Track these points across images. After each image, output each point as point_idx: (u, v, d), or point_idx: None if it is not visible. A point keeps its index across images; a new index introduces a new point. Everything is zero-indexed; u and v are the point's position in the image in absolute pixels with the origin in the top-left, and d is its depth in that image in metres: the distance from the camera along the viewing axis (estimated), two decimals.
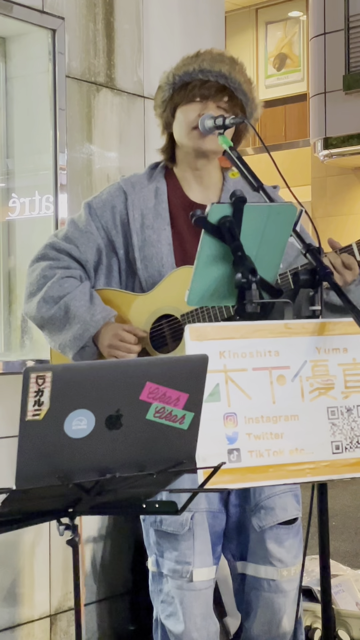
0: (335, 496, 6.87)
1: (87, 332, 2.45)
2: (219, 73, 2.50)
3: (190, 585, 2.45)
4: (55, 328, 2.50)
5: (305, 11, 16.24)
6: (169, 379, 1.68)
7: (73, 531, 1.72)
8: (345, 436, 2.08)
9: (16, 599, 3.40)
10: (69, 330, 2.46)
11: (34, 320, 2.56)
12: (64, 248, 2.54)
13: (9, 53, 3.78)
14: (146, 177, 2.61)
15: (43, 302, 2.49)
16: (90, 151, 3.78)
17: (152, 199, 2.55)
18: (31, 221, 3.76)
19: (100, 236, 2.54)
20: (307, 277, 2.13)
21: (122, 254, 2.55)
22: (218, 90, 2.50)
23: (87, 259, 2.54)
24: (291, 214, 2.15)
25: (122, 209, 2.55)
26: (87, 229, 2.55)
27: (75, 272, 2.52)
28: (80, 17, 3.74)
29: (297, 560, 2.53)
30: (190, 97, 2.50)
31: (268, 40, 17.69)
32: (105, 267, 2.56)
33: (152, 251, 2.50)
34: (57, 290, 2.48)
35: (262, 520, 2.50)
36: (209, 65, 2.51)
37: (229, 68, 2.52)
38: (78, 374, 1.62)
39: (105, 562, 3.69)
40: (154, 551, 2.52)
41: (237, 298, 2.06)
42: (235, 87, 2.52)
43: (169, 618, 2.49)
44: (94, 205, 2.58)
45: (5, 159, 3.82)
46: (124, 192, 2.56)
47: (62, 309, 2.46)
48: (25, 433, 1.57)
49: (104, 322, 2.45)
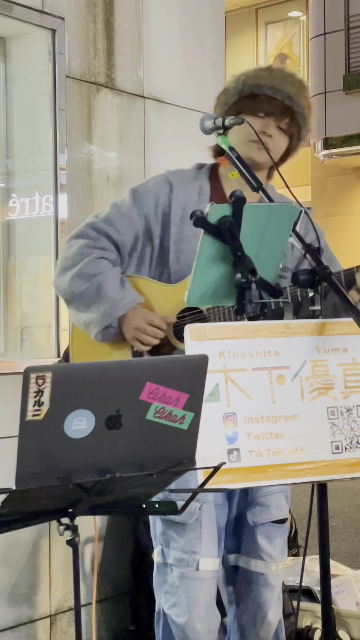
0: (335, 496, 6.87)
1: (114, 312, 2.49)
2: (287, 94, 2.58)
3: (196, 574, 2.50)
4: (83, 304, 2.55)
5: (305, 11, 16.24)
6: (169, 379, 1.68)
7: (73, 531, 1.72)
8: (345, 436, 2.08)
9: (16, 599, 3.40)
10: (97, 308, 2.51)
11: (63, 293, 2.61)
12: (103, 229, 2.59)
13: (9, 53, 3.78)
14: (192, 175, 2.67)
15: (77, 278, 2.54)
16: (90, 151, 3.78)
17: (195, 197, 2.61)
18: (31, 221, 3.76)
19: (140, 223, 2.60)
20: (307, 277, 2.13)
21: (157, 243, 2.60)
22: (282, 111, 2.58)
23: (125, 243, 2.60)
24: (291, 214, 2.15)
25: (165, 200, 2.60)
26: (128, 213, 2.60)
27: (110, 255, 2.58)
28: (80, 17, 3.74)
29: (283, 557, 2.66)
30: (255, 110, 2.58)
31: (268, 40, 17.69)
32: (138, 254, 2.61)
33: (187, 245, 2.54)
34: (92, 268, 2.53)
35: (257, 516, 2.58)
36: (279, 84, 2.59)
37: (297, 91, 2.60)
38: (78, 374, 1.62)
39: (105, 562, 3.69)
40: (159, 542, 2.55)
41: (236, 298, 2.06)
42: (299, 110, 2.60)
43: (172, 608, 2.53)
44: (139, 192, 2.63)
45: (5, 159, 3.82)
46: (170, 184, 2.62)
47: (94, 287, 2.52)
48: (25, 433, 1.57)
49: (132, 305, 2.50)
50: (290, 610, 3.52)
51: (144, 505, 1.86)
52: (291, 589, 3.58)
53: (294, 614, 3.48)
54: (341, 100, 12.70)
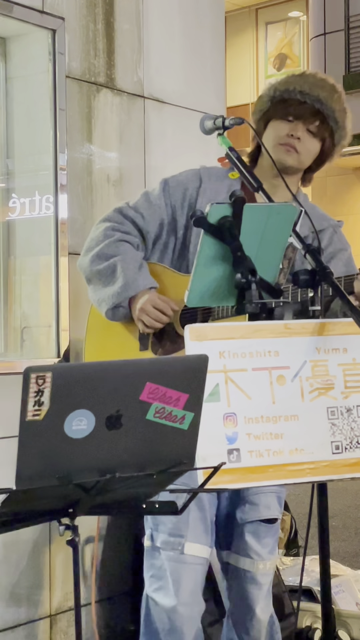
0: (335, 496, 6.87)
1: (125, 292, 2.55)
2: (317, 98, 2.61)
3: (181, 558, 2.54)
4: (100, 283, 2.62)
5: (305, 11, 16.24)
6: (169, 379, 1.68)
7: (73, 531, 1.72)
8: (345, 436, 2.08)
9: (16, 599, 3.40)
10: (110, 288, 2.58)
11: (84, 272, 2.69)
12: (129, 215, 2.66)
13: (9, 53, 3.78)
14: (225, 173, 2.71)
15: (96, 257, 2.62)
16: (90, 151, 3.78)
17: (223, 194, 2.64)
18: (31, 221, 3.76)
19: (166, 213, 2.66)
20: (307, 277, 2.13)
21: (181, 234, 2.65)
22: (311, 114, 2.61)
23: (149, 230, 2.65)
24: (291, 214, 2.16)
25: (193, 193, 2.65)
26: (156, 202, 2.66)
27: (133, 239, 2.64)
28: (80, 17, 3.74)
29: (272, 557, 2.68)
30: (283, 114, 2.62)
31: (268, 40, 17.69)
32: (162, 243, 2.67)
33: None
34: (112, 249, 2.61)
35: (245, 513, 2.62)
36: (308, 89, 2.62)
37: (327, 95, 2.62)
38: (78, 374, 1.62)
39: (105, 562, 3.69)
40: (149, 525, 2.61)
41: (236, 298, 2.06)
42: (329, 113, 2.62)
43: (157, 591, 2.57)
44: (169, 183, 2.69)
45: (5, 159, 3.82)
46: (200, 178, 2.68)
47: (111, 267, 2.59)
48: (25, 433, 1.57)
49: (144, 287, 2.55)
50: (290, 610, 3.52)
51: (144, 505, 1.86)
52: (291, 589, 3.58)
53: (294, 614, 3.49)
54: None
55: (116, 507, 1.86)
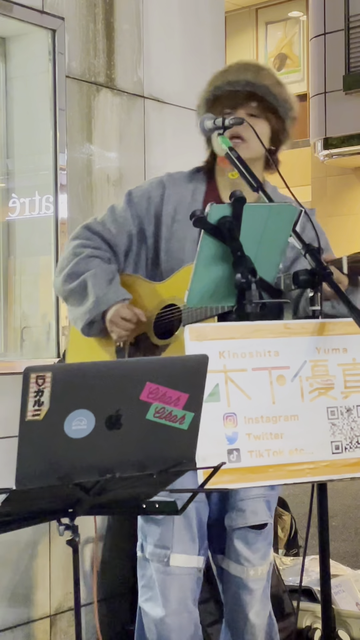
0: (335, 496, 6.86)
1: (96, 308, 2.54)
2: (245, 81, 2.57)
3: (168, 570, 2.53)
4: (74, 302, 2.62)
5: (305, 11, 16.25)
6: (169, 379, 1.68)
7: (73, 531, 1.72)
8: (345, 436, 2.08)
9: (16, 599, 3.40)
10: (83, 305, 2.57)
11: (58, 293, 2.70)
12: (97, 230, 2.65)
13: (9, 53, 3.78)
14: (188, 176, 2.69)
15: (68, 277, 2.61)
16: (90, 151, 3.78)
17: (188, 198, 2.63)
18: (31, 221, 3.76)
19: (133, 224, 2.64)
20: (307, 277, 2.13)
21: (151, 243, 2.63)
22: (246, 98, 2.57)
23: (118, 244, 2.64)
24: (291, 214, 2.16)
25: (158, 201, 2.64)
26: (122, 215, 2.65)
27: (103, 254, 2.63)
28: (80, 17, 3.74)
29: (265, 562, 2.65)
30: (220, 109, 2.58)
31: (268, 40, 17.70)
32: (135, 254, 2.66)
33: (177, 245, 2.58)
34: (82, 266, 2.60)
35: (233, 520, 2.60)
36: (234, 77, 2.59)
37: (254, 74, 2.58)
38: (78, 374, 1.62)
39: (105, 562, 3.69)
40: (140, 535, 2.62)
41: (236, 298, 2.06)
42: (263, 91, 2.58)
43: (147, 602, 2.58)
44: (133, 194, 2.68)
45: (5, 159, 3.82)
46: (164, 185, 2.66)
47: (81, 285, 2.58)
48: (25, 433, 1.57)
49: (115, 300, 2.54)
50: (290, 610, 3.52)
51: (144, 505, 1.86)
52: (291, 589, 3.58)
53: (294, 614, 3.48)
54: (341, 100, 12.70)
55: (116, 507, 1.86)
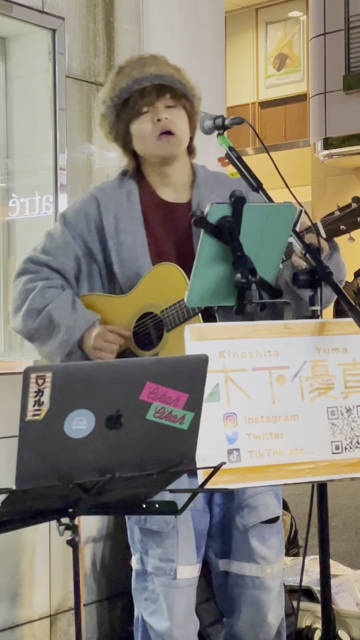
0: (335, 496, 6.86)
1: (71, 337, 2.47)
2: (150, 75, 2.51)
3: (174, 583, 2.47)
4: (41, 338, 2.52)
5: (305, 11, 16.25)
6: (169, 379, 1.68)
7: (73, 531, 1.72)
8: (345, 436, 2.08)
9: (16, 599, 3.40)
10: (55, 339, 2.49)
11: (21, 334, 2.59)
12: (42, 260, 2.56)
13: (9, 53, 3.78)
14: (117, 182, 2.62)
15: (27, 315, 2.52)
16: (90, 151, 3.78)
17: (124, 202, 2.56)
18: (31, 221, 3.76)
19: (77, 245, 2.56)
20: (306, 277, 2.13)
21: (101, 259, 2.56)
22: (158, 91, 2.51)
23: (66, 269, 2.56)
24: (291, 214, 2.15)
25: (95, 215, 2.56)
26: (63, 239, 2.57)
27: (56, 282, 2.54)
28: (80, 17, 3.74)
29: (280, 558, 2.59)
30: (137, 110, 2.51)
31: (268, 40, 17.70)
32: (86, 274, 2.58)
33: (128, 254, 2.52)
34: (39, 301, 2.50)
35: (246, 518, 2.53)
36: (138, 73, 2.51)
37: (155, 66, 2.53)
38: (78, 374, 1.62)
39: (105, 562, 3.68)
40: (138, 549, 2.53)
41: (236, 298, 2.06)
42: (171, 79, 2.53)
43: (152, 615, 2.51)
44: (67, 216, 2.60)
45: (5, 159, 3.82)
46: (96, 198, 2.58)
47: (46, 319, 2.49)
48: (25, 433, 1.57)
49: (87, 325, 2.47)
50: (290, 610, 3.52)
51: (144, 505, 1.85)
52: (291, 589, 3.58)
53: (294, 614, 3.48)
54: (341, 100, 12.70)
55: (116, 507, 1.86)
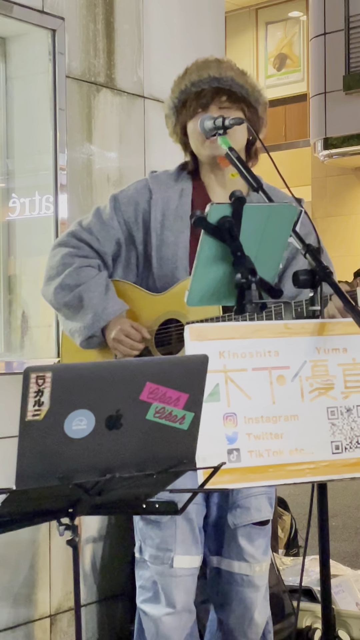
0: (335, 496, 6.87)
1: (97, 323, 2.51)
2: (209, 78, 2.57)
3: (171, 572, 2.52)
4: (69, 314, 2.58)
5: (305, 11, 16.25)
6: (169, 379, 1.68)
7: (73, 531, 1.72)
8: (345, 436, 2.08)
9: (16, 599, 3.40)
10: (81, 319, 2.54)
11: (50, 303, 2.65)
12: (84, 238, 2.61)
13: (9, 53, 3.78)
14: (174, 176, 2.67)
15: (60, 289, 2.57)
16: (90, 151, 3.78)
17: (175, 200, 2.61)
18: (31, 221, 3.76)
19: (121, 230, 2.61)
20: (307, 277, 2.13)
21: (141, 249, 2.61)
22: (214, 94, 2.57)
23: (106, 251, 2.61)
24: (291, 214, 2.15)
25: (145, 206, 2.61)
26: (109, 222, 2.62)
27: (93, 262, 2.59)
28: (80, 17, 3.74)
29: (266, 557, 2.65)
30: (191, 112, 2.59)
31: (268, 41, 17.71)
32: (124, 260, 2.63)
33: (169, 252, 2.56)
34: (74, 278, 2.56)
35: (237, 518, 2.59)
36: (197, 76, 2.59)
37: (216, 69, 2.58)
38: (78, 374, 1.62)
39: (105, 562, 3.69)
40: (139, 537, 2.60)
41: (236, 298, 2.06)
42: (229, 83, 2.58)
43: (145, 602, 2.58)
44: (119, 199, 2.65)
45: (5, 159, 3.82)
46: (150, 189, 2.63)
47: (77, 298, 2.54)
48: (25, 433, 1.57)
49: (114, 315, 2.51)
50: (290, 610, 3.52)
51: (144, 505, 1.86)
52: (291, 589, 3.58)
53: (294, 614, 3.48)
54: (341, 100, 12.70)
55: (116, 507, 1.86)
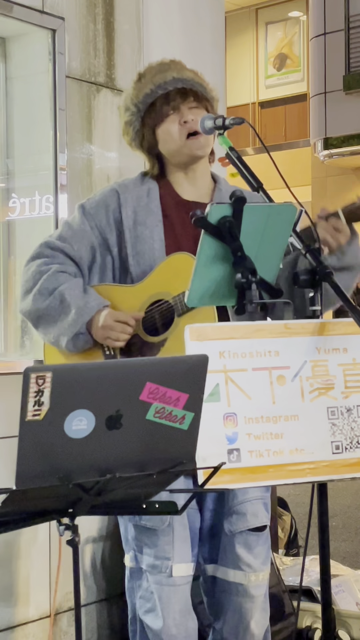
0: (335, 496, 6.87)
1: (81, 318, 2.47)
2: (173, 79, 2.57)
3: (170, 581, 2.47)
4: (50, 319, 2.53)
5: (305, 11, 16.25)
6: (169, 379, 1.68)
7: (73, 531, 1.72)
8: (345, 436, 2.08)
9: (16, 599, 3.40)
10: (64, 319, 2.50)
11: (29, 315, 2.58)
12: (58, 246, 2.59)
13: (9, 53, 3.78)
14: (139, 180, 2.66)
15: (38, 295, 2.53)
16: (90, 151, 3.78)
17: (144, 198, 2.60)
18: (31, 221, 3.76)
19: (94, 235, 2.59)
20: (307, 277, 2.13)
21: (116, 252, 2.59)
22: (182, 95, 2.57)
23: (81, 257, 2.59)
24: (291, 214, 2.16)
25: (115, 207, 2.59)
26: (81, 228, 2.59)
27: (69, 269, 2.57)
28: (80, 17, 3.74)
29: (265, 567, 2.57)
30: (164, 114, 2.57)
31: (268, 41, 17.70)
32: (99, 265, 2.60)
33: (144, 247, 2.54)
34: (52, 282, 2.52)
35: (233, 524, 2.52)
36: (160, 78, 2.58)
37: (175, 71, 2.59)
38: (78, 374, 1.62)
39: (105, 562, 3.68)
40: (132, 547, 2.53)
41: (236, 298, 2.06)
42: (191, 83, 2.59)
43: (147, 614, 2.50)
44: (87, 206, 2.63)
45: (5, 159, 3.82)
46: (117, 192, 2.62)
47: (57, 299, 2.50)
48: (25, 433, 1.57)
49: (98, 308, 2.49)
50: (290, 610, 3.52)
51: (144, 505, 1.86)
52: (291, 589, 3.58)
53: (294, 614, 3.48)
54: (341, 100, 12.70)
55: (116, 507, 1.86)
